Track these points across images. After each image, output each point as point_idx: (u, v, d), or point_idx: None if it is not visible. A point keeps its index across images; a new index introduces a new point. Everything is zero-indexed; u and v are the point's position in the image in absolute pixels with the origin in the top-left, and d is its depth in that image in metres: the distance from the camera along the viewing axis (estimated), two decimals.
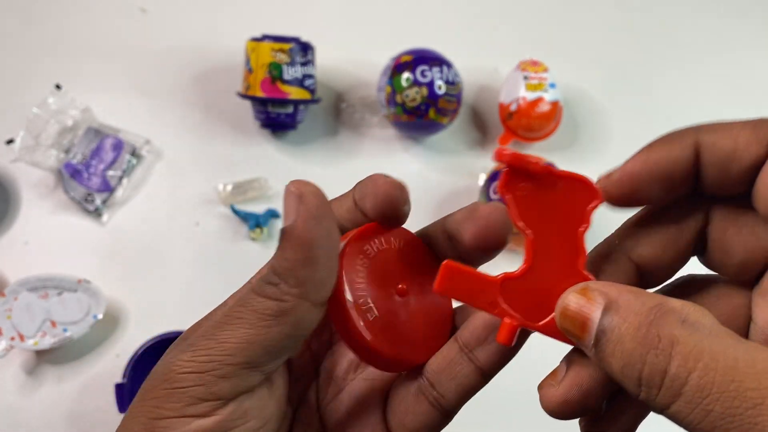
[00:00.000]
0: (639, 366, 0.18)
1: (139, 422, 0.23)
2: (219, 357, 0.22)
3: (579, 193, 0.22)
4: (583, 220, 0.22)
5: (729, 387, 0.16)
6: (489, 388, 0.26)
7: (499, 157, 0.22)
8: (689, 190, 0.22)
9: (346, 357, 0.28)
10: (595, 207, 0.22)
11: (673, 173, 0.21)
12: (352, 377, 0.28)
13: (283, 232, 0.22)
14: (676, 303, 0.18)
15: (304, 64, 0.78)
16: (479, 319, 0.25)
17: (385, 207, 0.25)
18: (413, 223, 0.27)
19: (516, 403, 0.55)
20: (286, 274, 0.22)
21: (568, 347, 0.23)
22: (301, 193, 0.22)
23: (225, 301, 0.26)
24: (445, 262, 0.23)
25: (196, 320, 0.27)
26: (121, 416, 0.65)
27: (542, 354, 0.30)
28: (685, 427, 0.17)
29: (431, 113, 0.77)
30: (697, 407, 0.16)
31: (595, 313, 0.19)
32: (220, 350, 0.22)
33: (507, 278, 0.23)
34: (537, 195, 0.22)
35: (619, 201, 0.22)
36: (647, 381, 0.18)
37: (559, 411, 0.22)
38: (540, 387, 0.23)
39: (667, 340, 0.17)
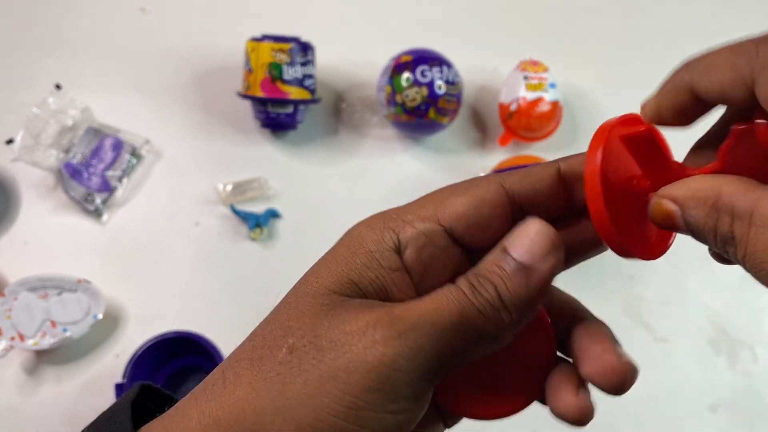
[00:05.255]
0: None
1: (329, 408, 0.22)
2: (433, 360, 0.22)
3: None
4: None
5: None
6: None
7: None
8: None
9: None
10: None
11: (686, 112, 0.24)
12: None
13: (527, 267, 0.23)
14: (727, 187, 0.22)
15: (304, 64, 0.78)
16: None
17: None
18: None
19: None
20: (514, 307, 0.23)
21: None
22: (557, 243, 0.24)
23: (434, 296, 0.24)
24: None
25: (197, 320, 0.26)
26: None
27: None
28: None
29: (431, 113, 0.77)
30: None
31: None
32: (434, 354, 0.22)
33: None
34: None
35: (657, 123, 0.26)
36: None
37: None
38: None
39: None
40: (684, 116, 0.24)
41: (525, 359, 0.26)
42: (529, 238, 0.24)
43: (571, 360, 0.26)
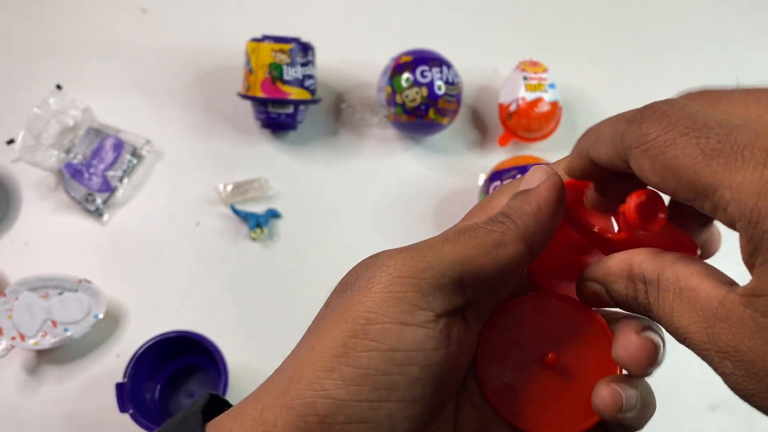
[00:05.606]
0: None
1: (346, 327, 0.23)
2: (437, 266, 0.23)
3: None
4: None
5: None
6: None
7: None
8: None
9: None
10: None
11: (594, 175, 0.25)
12: None
13: (526, 191, 0.26)
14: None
15: (304, 64, 0.78)
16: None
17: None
18: (411, 224, 0.27)
19: None
20: (514, 216, 0.25)
21: None
22: (551, 172, 0.26)
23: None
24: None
25: (197, 320, 0.27)
26: (122, 416, 0.65)
27: None
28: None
29: (431, 113, 0.77)
30: None
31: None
32: (439, 260, 0.24)
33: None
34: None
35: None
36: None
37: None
38: None
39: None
40: (594, 178, 0.25)
41: (592, 382, 0.27)
42: (527, 176, 0.26)
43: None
